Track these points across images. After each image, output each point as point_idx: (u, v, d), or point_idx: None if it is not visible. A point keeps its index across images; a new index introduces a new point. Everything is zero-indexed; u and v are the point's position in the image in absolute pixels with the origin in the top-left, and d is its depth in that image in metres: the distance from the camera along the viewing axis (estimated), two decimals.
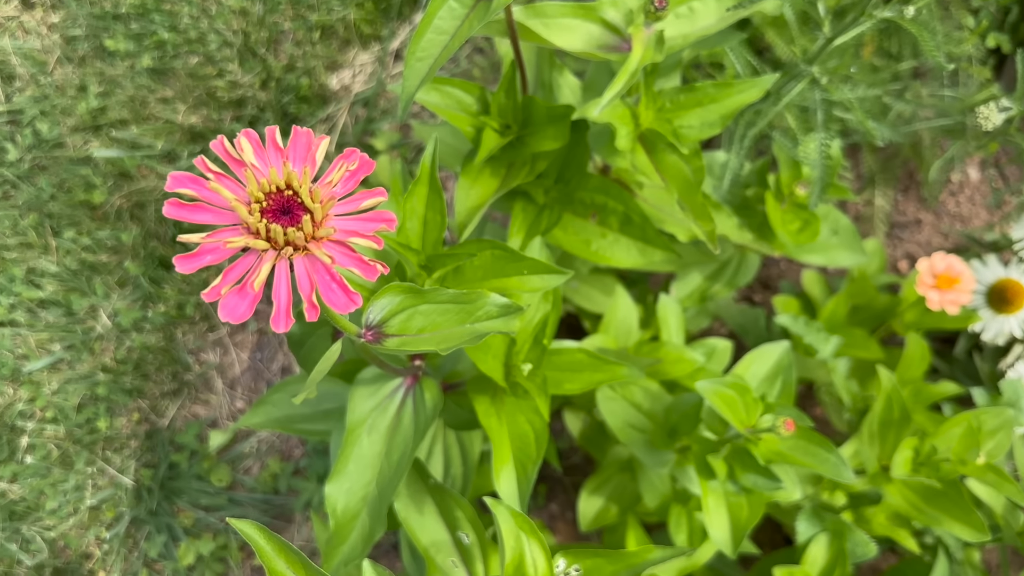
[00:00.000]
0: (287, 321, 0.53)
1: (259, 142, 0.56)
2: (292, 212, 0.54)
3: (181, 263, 0.53)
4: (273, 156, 0.56)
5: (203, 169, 0.54)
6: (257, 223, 0.52)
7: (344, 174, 0.55)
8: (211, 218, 0.54)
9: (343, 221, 0.55)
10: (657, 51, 1.04)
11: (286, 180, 0.54)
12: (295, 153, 0.56)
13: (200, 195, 0.54)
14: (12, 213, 2.03)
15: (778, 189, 1.49)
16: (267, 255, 0.53)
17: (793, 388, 1.23)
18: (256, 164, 0.54)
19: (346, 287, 0.54)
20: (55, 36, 2.18)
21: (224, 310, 0.52)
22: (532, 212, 1.31)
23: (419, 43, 0.96)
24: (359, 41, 2.17)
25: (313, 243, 0.54)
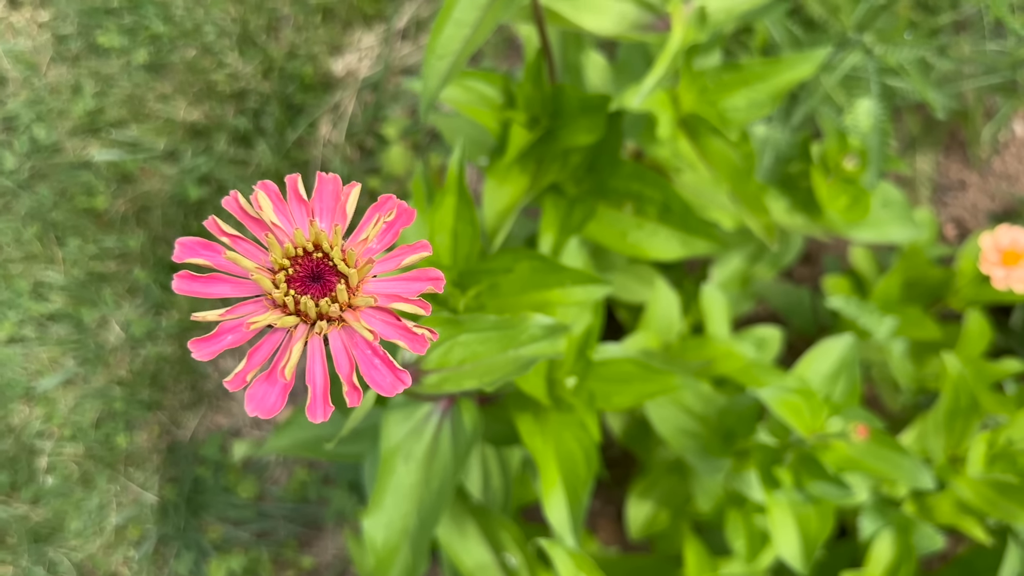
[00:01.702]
0: (325, 409, 0.44)
1: (279, 195, 0.47)
2: (323, 278, 0.45)
3: (198, 348, 0.44)
4: (296, 210, 0.47)
5: (216, 232, 0.46)
6: (284, 296, 0.44)
7: (380, 228, 0.46)
8: (229, 290, 0.45)
9: (382, 283, 0.47)
10: (700, 29, 0.94)
11: (314, 240, 0.45)
12: (322, 205, 0.47)
13: (215, 264, 0.45)
14: (14, 224, 1.95)
15: (824, 163, 1.39)
16: (297, 331, 0.45)
17: (859, 386, 1.14)
18: (278, 222, 0.46)
19: (391, 363, 0.45)
20: (46, 35, 2.08)
21: (252, 402, 0.44)
22: (563, 206, 1.22)
23: (438, 39, 0.86)
24: (363, 22, 2.06)
25: (350, 313, 0.45)
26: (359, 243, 0.46)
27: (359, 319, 0.45)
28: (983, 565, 1.40)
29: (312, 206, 0.47)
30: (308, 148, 1.99)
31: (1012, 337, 1.70)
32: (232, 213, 0.47)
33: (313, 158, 1.98)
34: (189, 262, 0.45)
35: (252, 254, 0.46)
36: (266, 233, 0.45)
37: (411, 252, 0.47)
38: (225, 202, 0.47)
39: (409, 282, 0.47)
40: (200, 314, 0.44)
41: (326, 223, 0.47)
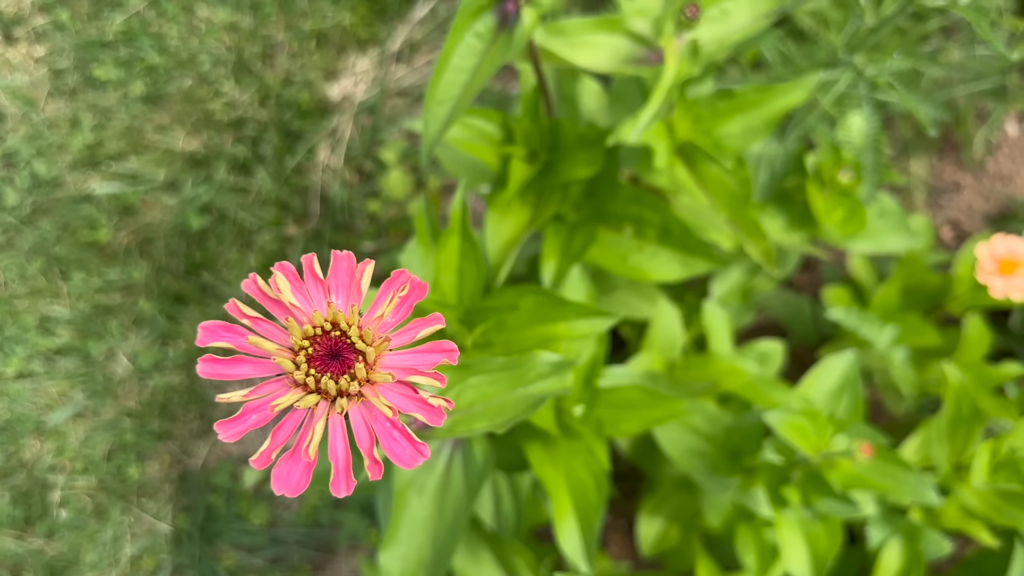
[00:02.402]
0: (348, 484, 0.46)
1: (296, 275, 0.49)
2: (342, 356, 0.47)
3: (224, 429, 0.46)
4: (313, 289, 0.49)
5: (236, 315, 0.47)
6: (305, 376, 0.45)
7: (395, 304, 0.48)
8: (251, 370, 0.47)
9: (398, 356, 0.48)
10: (692, 62, 0.95)
11: (332, 319, 0.47)
12: (337, 282, 0.49)
13: (237, 346, 0.47)
14: (18, 260, 1.97)
15: (818, 176, 1.41)
16: (319, 409, 0.46)
17: (862, 403, 1.16)
18: (296, 302, 0.47)
19: (410, 436, 0.47)
20: (42, 70, 2.10)
21: (278, 482, 0.45)
22: (564, 232, 1.23)
23: (438, 85, 0.88)
24: (357, 46, 2.08)
25: (368, 387, 0.47)
26: (375, 320, 0.48)
27: (378, 394, 0.46)
28: (991, 567, 1.41)
29: (328, 284, 0.49)
30: (307, 174, 2.00)
31: (1012, 338, 1.72)
32: (251, 295, 0.49)
33: (312, 184, 2.00)
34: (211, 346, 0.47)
35: (272, 334, 0.47)
36: (286, 317, 0.46)
37: (425, 325, 0.48)
38: (245, 285, 0.48)
39: (424, 354, 0.48)
40: (225, 396, 0.45)
41: (342, 300, 0.48)
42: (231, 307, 0.47)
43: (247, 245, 1.97)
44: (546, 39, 0.96)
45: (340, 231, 1.97)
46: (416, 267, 1.07)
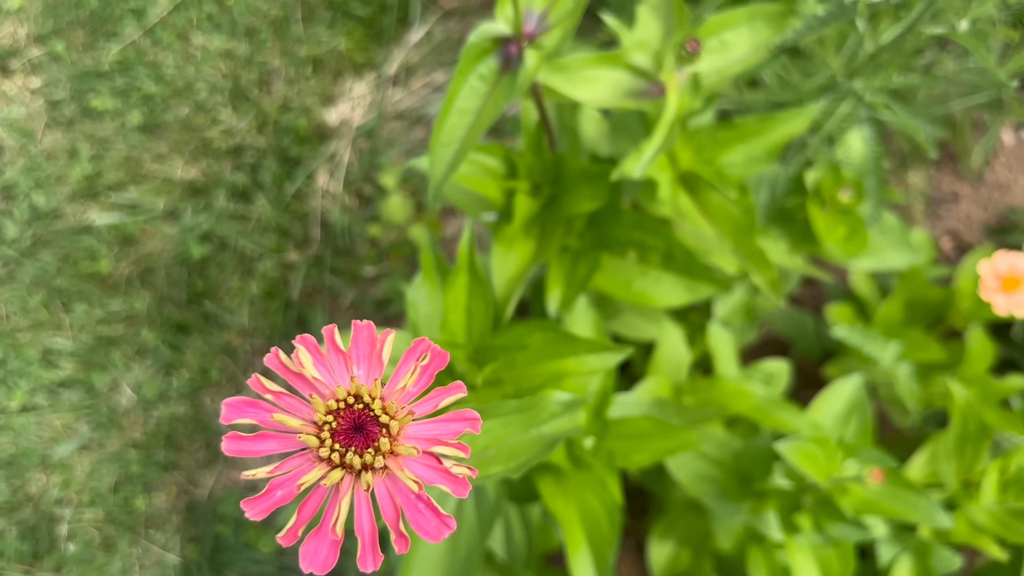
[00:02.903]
0: (375, 558, 0.46)
1: (317, 347, 0.49)
2: (366, 429, 0.47)
3: (251, 507, 0.46)
4: (335, 360, 0.49)
5: (259, 390, 0.47)
6: (330, 452, 0.46)
7: (417, 375, 0.48)
8: (276, 446, 0.47)
9: (421, 426, 0.49)
10: (694, 96, 0.96)
11: (355, 392, 0.47)
12: (358, 352, 0.49)
13: (261, 422, 0.47)
14: (20, 292, 1.97)
15: (818, 195, 1.42)
16: (344, 484, 0.46)
17: (871, 425, 1.16)
18: (318, 376, 0.47)
19: (436, 509, 0.47)
20: (39, 101, 2.10)
21: (306, 559, 0.45)
22: (568, 260, 1.24)
23: (443, 127, 0.88)
24: (353, 71, 2.08)
25: (392, 460, 0.47)
26: (397, 392, 0.48)
27: (403, 468, 0.47)
28: None
29: (349, 354, 0.49)
30: (307, 199, 2.00)
31: (1015, 348, 1.72)
32: (273, 369, 0.49)
33: (312, 209, 2.00)
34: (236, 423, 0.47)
35: (296, 408, 0.47)
36: (310, 394, 0.46)
37: (447, 394, 0.49)
38: (267, 360, 0.48)
39: (447, 423, 0.48)
40: (250, 472, 0.46)
41: (364, 371, 0.49)
42: (254, 383, 0.48)
43: (248, 272, 1.97)
44: (547, 76, 0.97)
45: (341, 256, 1.97)
46: (423, 302, 1.08)
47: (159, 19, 2.11)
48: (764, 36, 1.00)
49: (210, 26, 2.11)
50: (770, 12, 1.00)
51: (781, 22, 0.99)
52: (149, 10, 2.12)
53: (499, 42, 0.88)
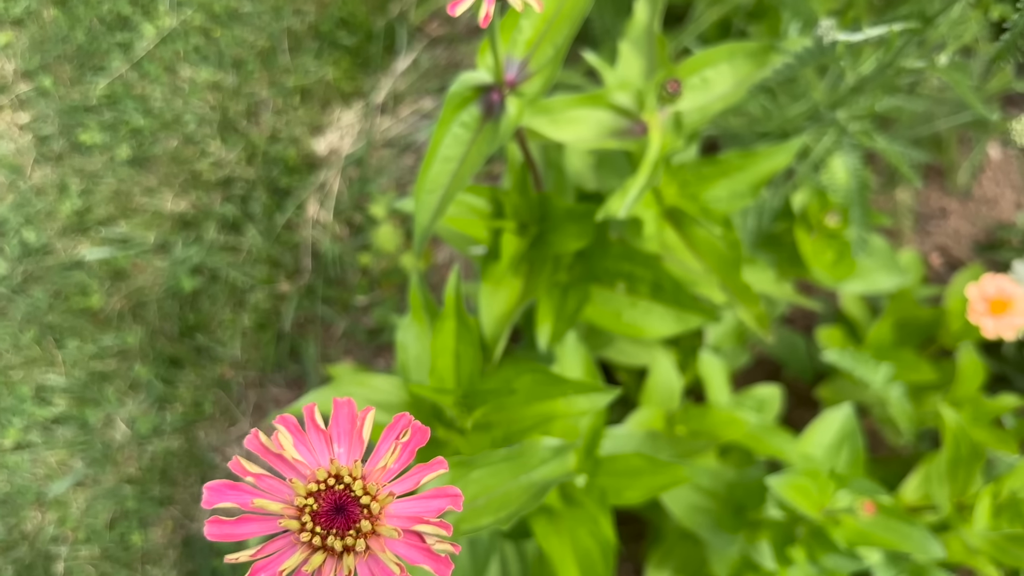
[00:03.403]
0: None
1: (298, 427, 0.49)
2: (347, 510, 0.47)
3: None
4: (315, 440, 0.49)
5: (240, 473, 0.48)
6: (311, 536, 0.46)
7: (397, 454, 0.48)
8: (258, 528, 0.47)
9: (402, 504, 0.49)
10: (676, 135, 0.96)
11: (335, 473, 0.47)
12: (339, 430, 0.49)
13: (242, 505, 0.47)
14: (11, 329, 1.96)
15: (805, 220, 1.42)
16: (326, 568, 0.47)
17: (862, 455, 1.16)
18: (299, 457, 0.48)
19: None
20: (27, 137, 2.10)
21: None
22: (557, 293, 1.24)
23: (427, 174, 0.89)
24: (341, 100, 2.09)
25: (374, 540, 0.47)
26: (378, 471, 0.48)
27: (384, 549, 0.47)
28: None
29: (331, 433, 0.49)
30: (297, 230, 2.01)
31: (1006, 364, 1.73)
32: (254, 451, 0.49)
33: (303, 239, 2.00)
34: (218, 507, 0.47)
35: (277, 490, 0.47)
36: (290, 479, 0.46)
37: (428, 471, 0.49)
38: (247, 442, 0.48)
39: (428, 500, 0.49)
40: (233, 556, 0.46)
41: (344, 449, 0.49)
42: (235, 465, 0.48)
43: (240, 304, 1.97)
44: (530, 118, 0.97)
45: (332, 286, 1.97)
46: (412, 343, 1.08)
47: (146, 52, 2.11)
48: (745, 72, 1.00)
49: (197, 58, 2.11)
50: (751, 49, 1.00)
51: (762, 58, 1.00)
52: (136, 43, 2.12)
53: (481, 90, 0.88)
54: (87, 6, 2.16)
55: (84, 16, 2.15)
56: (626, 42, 1.12)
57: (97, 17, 2.16)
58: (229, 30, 2.12)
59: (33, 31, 2.15)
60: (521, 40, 0.88)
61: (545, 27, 0.87)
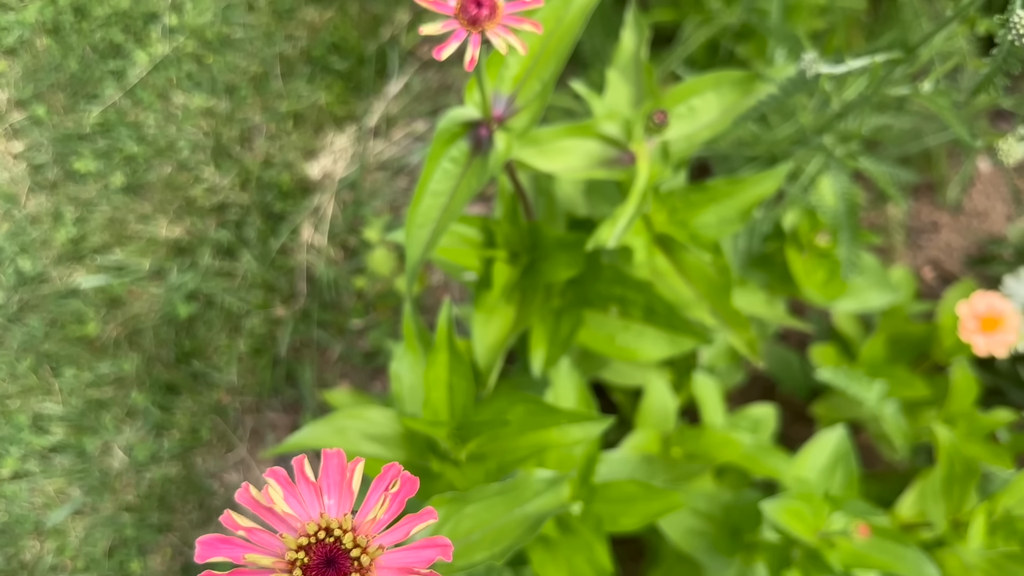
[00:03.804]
0: None
1: (288, 480, 0.49)
2: (337, 562, 0.47)
3: None
4: (305, 492, 0.49)
5: (231, 527, 0.48)
6: None
7: (387, 506, 0.49)
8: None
9: (393, 555, 0.49)
10: (664, 164, 0.97)
11: (325, 526, 0.48)
12: (329, 482, 0.50)
13: (234, 559, 0.47)
14: (8, 358, 1.97)
15: (796, 239, 1.43)
16: None
17: (856, 477, 1.17)
18: (289, 510, 0.48)
19: None
20: (22, 166, 2.11)
21: None
22: (550, 319, 1.25)
23: (418, 209, 0.89)
24: (334, 124, 2.10)
25: None
26: (367, 523, 0.49)
27: None
28: None
29: (320, 485, 0.50)
30: (292, 254, 2.01)
31: (1000, 377, 1.73)
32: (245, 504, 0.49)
33: (298, 264, 2.01)
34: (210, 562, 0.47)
35: (268, 543, 0.48)
36: (281, 533, 0.47)
37: (418, 521, 0.49)
38: (238, 495, 0.49)
39: (419, 551, 0.49)
40: None
41: (334, 500, 0.49)
42: (226, 519, 0.48)
43: (236, 330, 1.97)
44: (519, 150, 0.98)
45: (328, 310, 1.98)
46: (406, 373, 1.08)
47: (139, 79, 2.12)
48: (731, 101, 1.01)
49: (190, 84, 2.12)
50: (736, 78, 1.01)
51: (747, 87, 1.00)
52: (129, 71, 2.13)
53: (469, 126, 0.89)
54: (80, 35, 2.17)
55: (77, 45, 2.17)
56: (614, 70, 1.13)
57: (90, 45, 2.17)
58: (222, 56, 2.14)
59: (26, 60, 2.16)
60: (508, 76, 0.89)
61: (532, 63, 0.88)
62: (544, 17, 0.87)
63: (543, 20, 0.87)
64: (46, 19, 2.18)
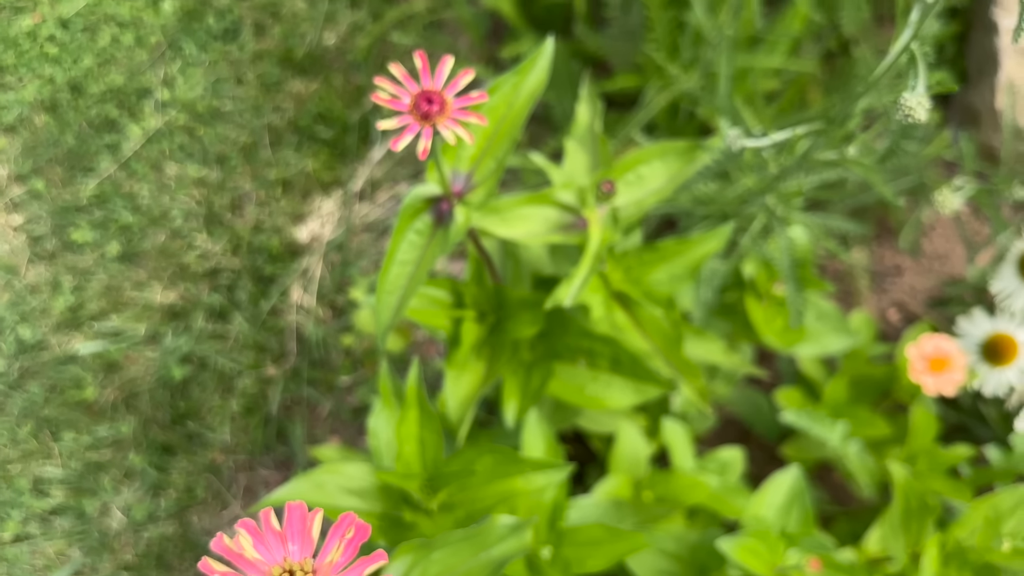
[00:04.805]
0: None
1: (256, 529, 0.57)
2: None
3: None
4: (272, 539, 0.57)
5: (208, 572, 0.55)
6: None
7: (343, 549, 0.56)
8: None
9: None
10: (614, 228, 1.06)
11: (288, 568, 0.55)
12: (292, 531, 0.57)
13: None
14: (9, 424, 2.03)
15: (754, 289, 1.51)
16: None
17: (811, 514, 1.23)
18: (257, 556, 0.55)
19: None
20: (22, 238, 2.19)
21: None
22: (522, 372, 1.32)
23: (387, 277, 0.97)
24: (321, 189, 2.19)
25: None
26: (327, 564, 0.56)
27: None
28: None
29: (285, 533, 0.57)
30: (282, 315, 2.09)
31: (964, 414, 1.80)
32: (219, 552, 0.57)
33: (288, 324, 2.09)
34: None
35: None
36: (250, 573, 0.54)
37: (370, 563, 0.56)
38: (213, 544, 0.56)
39: None
40: None
41: (297, 546, 0.57)
42: (203, 565, 0.55)
43: (228, 390, 2.04)
44: (481, 219, 1.06)
45: (317, 368, 2.05)
46: (383, 429, 1.15)
47: (133, 152, 2.22)
48: (676, 169, 1.10)
49: (182, 155, 2.22)
50: (680, 148, 1.10)
51: (690, 156, 1.09)
52: (123, 144, 2.23)
53: (431, 201, 0.97)
54: (76, 111, 2.28)
55: (74, 121, 2.27)
56: (571, 140, 1.22)
57: (86, 121, 2.27)
58: (212, 128, 2.24)
59: (26, 137, 2.26)
60: (465, 156, 0.97)
61: (487, 144, 0.97)
62: (496, 104, 0.96)
63: (495, 107, 0.96)
64: (44, 97, 2.29)
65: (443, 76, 0.82)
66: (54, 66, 2.31)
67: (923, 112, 0.75)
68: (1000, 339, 1.54)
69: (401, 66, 0.82)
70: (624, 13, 1.86)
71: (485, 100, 0.81)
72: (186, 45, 2.32)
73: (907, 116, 0.76)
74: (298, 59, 2.31)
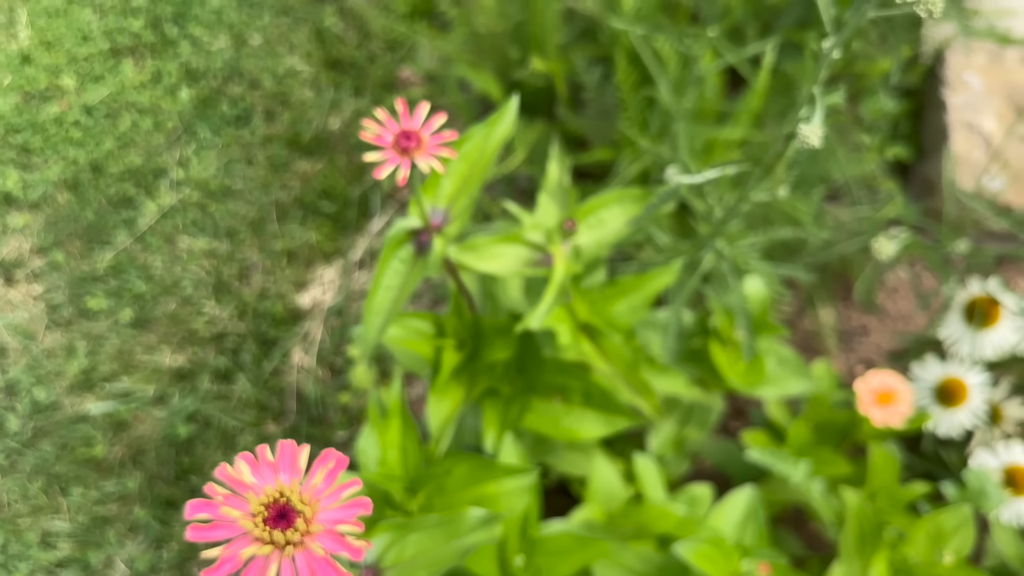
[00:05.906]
0: None
1: (254, 460, 0.69)
2: (288, 515, 0.66)
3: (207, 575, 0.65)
4: (266, 469, 0.69)
5: (212, 494, 0.67)
6: (262, 532, 0.65)
7: (324, 475, 0.68)
8: (225, 533, 0.66)
9: (329, 512, 0.68)
10: (576, 262, 1.19)
11: (279, 490, 0.67)
12: (283, 463, 0.69)
13: (214, 517, 0.66)
14: (21, 481, 2.13)
15: (718, 335, 1.64)
16: (272, 556, 0.65)
17: (765, 528, 1.33)
18: (254, 480, 0.67)
19: (340, 571, 0.65)
20: (40, 306, 2.34)
21: None
22: (500, 405, 1.44)
23: (374, 300, 1.11)
24: (323, 259, 2.35)
25: (308, 537, 0.66)
26: (310, 488, 0.67)
27: (315, 541, 0.66)
28: None
29: (277, 464, 0.69)
30: (284, 376, 2.22)
31: (927, 460, 1.90)
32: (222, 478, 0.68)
33: (288, 384, 2.21)
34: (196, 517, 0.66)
35: (239, 506, 0.67)
36: (246, 493, 0.66)
37: (347, 487, 0.68)
38: (217, 472, 0.68)
39: (348, 509, 0.68)
40: (208, 552, 0.64)
41: (287, 475, 0.68)
42: (208, 488, 0.67)
43: (231, 447, 2.15)
44: (460, 254, 1.20)
45: (315, 424, 2.16)
46: (371, 448, 1.27)
47: (148, 227, 2.39)
48: (633, 212, 1.25)
49: (195, 229, 2.39)
50: (635, 194, 1.25)
51: (644, 200, 1.24)
52: (139, 219, 2.40)
53: (413, 233, 1.12)
54: (96, 189, 2.46)
55: (93, 198, 2.45)
56: (543, 192, 1.37)
57: (105, 198, 2.45)
58: (223, 204, 2.41)
59: (48, 213, 2.43)
60: (443, 194, 1.12)
61: (462, 184, 1.12)
62: (470, 150, 1.12)
63: (469, 152, 1.12)
64: (67, 176, 2.47)
65: (420, 118, 0.97)
66: (77, 148, 2.50)
67: (816, 139, 0.90)
68: (951, 383, 1.66)
69: (386, 111, 0.98)
70: (600, 95, 2.05)
71: (455, 138, 0.96)
72: (201, 129, 2.52)
73: (804, 143, 0.91)
74: (305, 142, 2.51)
